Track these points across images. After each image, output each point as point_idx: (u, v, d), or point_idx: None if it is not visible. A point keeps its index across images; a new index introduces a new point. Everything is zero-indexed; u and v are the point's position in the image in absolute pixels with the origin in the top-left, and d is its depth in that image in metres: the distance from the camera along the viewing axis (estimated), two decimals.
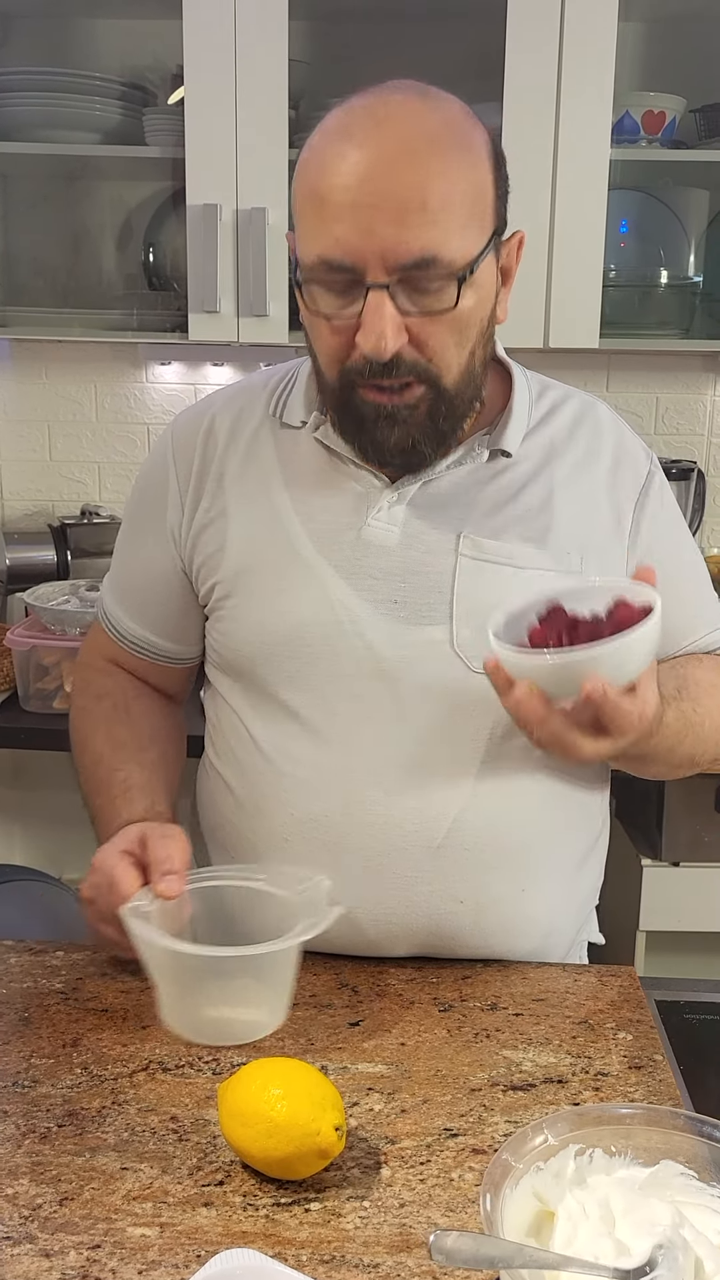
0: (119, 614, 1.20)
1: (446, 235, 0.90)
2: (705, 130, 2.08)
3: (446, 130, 0.92)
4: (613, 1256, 0.66)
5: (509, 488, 1.06)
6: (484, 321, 0.98)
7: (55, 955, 1.09)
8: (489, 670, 0.91)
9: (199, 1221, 0.77)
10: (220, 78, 1.95)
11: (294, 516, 1.06)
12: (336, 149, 0.91)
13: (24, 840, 2.56)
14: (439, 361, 0.95)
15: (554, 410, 1.11)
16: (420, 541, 1.04)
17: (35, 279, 2.33)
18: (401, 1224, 0.77)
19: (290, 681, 1.07)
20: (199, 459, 1.11)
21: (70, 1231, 0.76)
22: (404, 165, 0.89)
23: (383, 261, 0.90)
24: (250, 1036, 0.96)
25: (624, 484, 1.10)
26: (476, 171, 0.93)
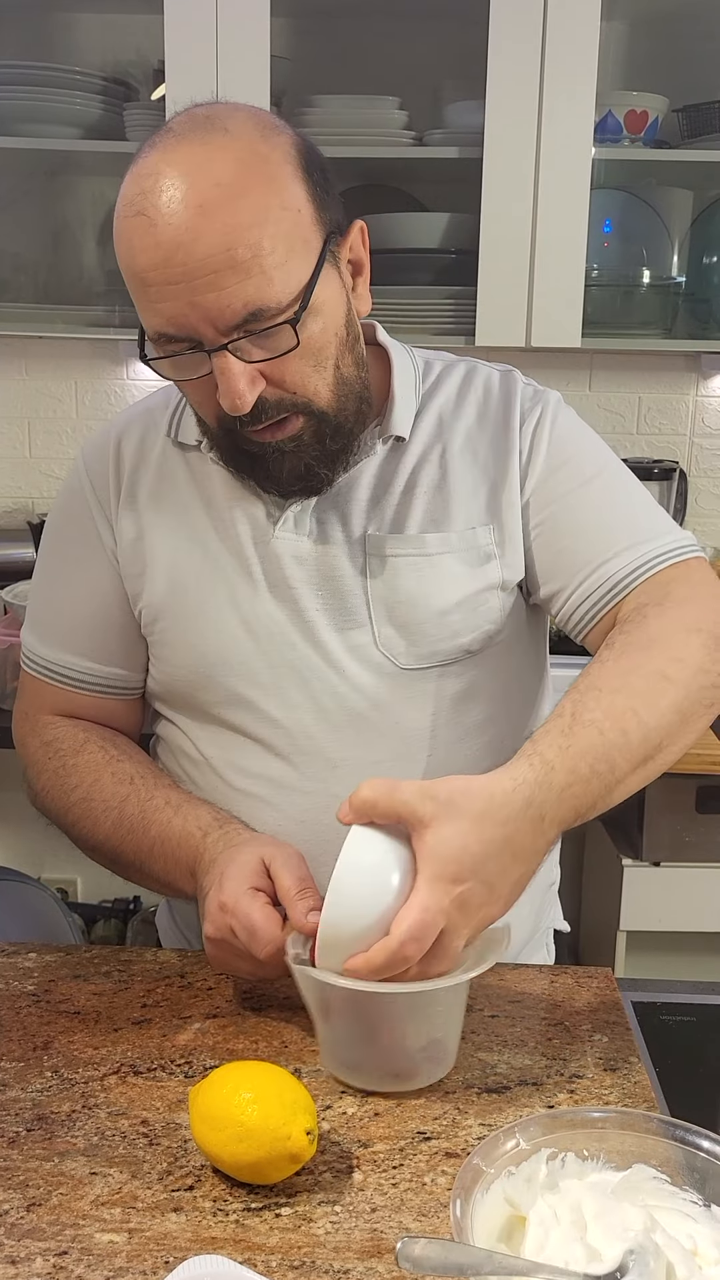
0: (66, 658, 1.13)
1: (267, 282, 0.89)
2: (688, 130, 2.08)
3: (240, 170, 0.88)
4: (584, 1262, 0.65)
5: (405, 474, 1.05)
6: (339, 333, 0.96)
7: (28, 957, 1.08)
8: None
9: (168, 1227, 0.76)
10: (202, 73, 1.94)
11: (211, 534, 1.06)
12: (135, 227, 0.89)
13: (3, 840, 2.54)
14: (304, 392, 0.95)
15: (439, 382, 1.09)
16: (328, 547, 1.04)
17: (15, 274, 2.31)
18: (373, 1229, 0.76)
19: (230, 700, 1.06)
20: (112, 480, 1.10)
21: (37, 1238, 0.75)
22: (204, 229, 0.86)
23: (213, 325, 0.89)
24: (436, 1076, 0.90)
25: (513, 424, 1.06)
26: (284, 198, 0.90)
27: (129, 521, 1.09)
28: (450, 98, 2.08)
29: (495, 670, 1.08)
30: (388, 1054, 0.89)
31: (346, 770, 1.05)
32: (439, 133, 2.05)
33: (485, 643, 1.06)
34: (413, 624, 1.04)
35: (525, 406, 1.08)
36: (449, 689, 1.06)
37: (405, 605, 1.03)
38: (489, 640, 1.06)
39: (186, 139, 0.90)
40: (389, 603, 1.03)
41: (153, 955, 1.09)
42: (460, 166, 2.01)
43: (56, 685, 1.14)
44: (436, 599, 1.04)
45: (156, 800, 1.04)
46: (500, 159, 1.96)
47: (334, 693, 1.04)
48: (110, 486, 1.10)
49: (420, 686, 1.04)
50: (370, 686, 1.04)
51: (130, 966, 1.07)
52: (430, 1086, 0.90)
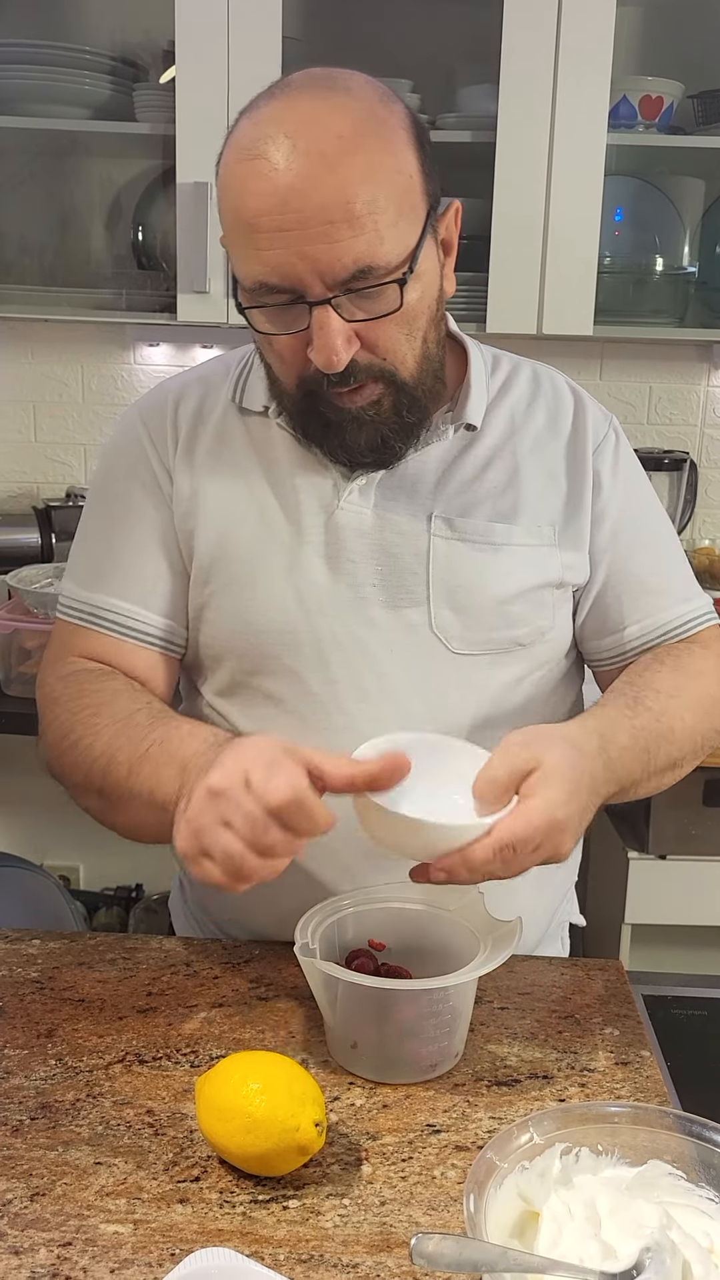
0: (104, 599, 1.08)
1: (379, 239, 0.88)
2: (703, 116, 2.06)
3: (360, 127, 0.88)
4: (599, 1259, 0.64)
5: (476, 464, 1.06)
6: (431, 306, 0.97)
7: (31, 944, 1.07)
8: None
9: (174, 1219, 0.75)
10: (213, 54, 1.92)
11: (269, 501, 1.05)
12: (252, 170, 0.88)
13: (5, 826, 2.53)
14: (394, 358, 0.95)
15: (510, 381, 1.10)
16: (392, 523, 1.04)
17: (22, 257, 2.29)
18: (382, 1223, 0.75)
19: (271, 670, 1.05)
20: (169, 436, 1.09)
21: (41, 1228, 0.73)
22: (321, 177, 0.86)
23: (320, 279, 0.89)
24: (444, 1068, 0.90)
25: (584, 452, 1.09)
26: (399, 161, 0.90)
27: (185, 478, 1.07)
28: (464, 81, 2.06)
29: (541, 665, 1.09)
30: (395, 1045, 0.87)
31: (365, 741, 1.02)
32: (452, 117, 2.03)
33: (536, 637, 1.07)
34: (471, 609, 1.04)
35: (598, 428, 1.10)
36: (495, 678, 1.06)
37: (466, 590, 1.03)
38: (540, 635, 1.07)
39: (307, 92, 0.90)
40: (450, 585, 1.03)
41: (158, 943, 1.08)
42: (473, 151, 1.98)
43: (94, 629, 1.08)
44: (498, 588, 1.04)
45: (170, 716, 0.99)
46: (513, 144, 1.94)
47: (378, 671, 1.03)
48: (168, 441, 1.08)
49: (467, 673, 1.04)
50: (417, 667, 1.04)
51: (135, 954, 1.06)
52: (439, 1078, 0.89)
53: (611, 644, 1.12)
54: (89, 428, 2.41)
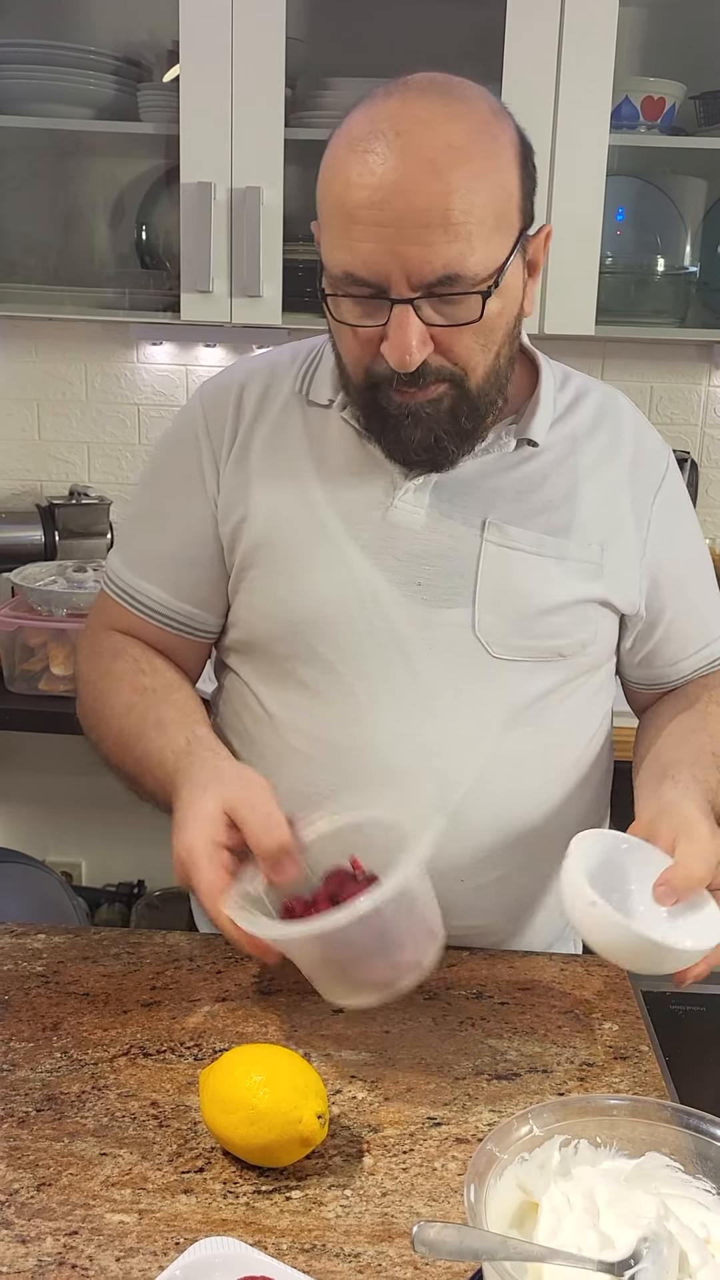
0: (144, 586, 1.14)
1: (470, 249, 0.90)
2: (705, 118, 2.07)
3: (471, 138, 0.90)
4: (597, 1249, 0.65)
5: (533, 477, 1.07)
6: (511, 322, 0.98)
7: (36, 938, 1.08)
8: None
9: (178, 1209, 0.76)
10: (216, 54, 1.93)
11: (320, 494, 1.06)
12: (359, 162, 0.90)
13: (7, 822, 2.54)
14: (465, 365, 0.96)
15: (577, 401, 1.11)
16: (445, 525, 1.05)
17: (26, 255, 2.30)
18: (384, 1213, 0.76)
19: (307, 658, 1.07)
20: (229, 424, 1.10)
21: (47, 1217, 0.75)
22: (426, 181, 0.88)
23: (407, 279, 0.90)
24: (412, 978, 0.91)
25: (643, 479, 1.11)
26: (503, 176, 0.92)
27: (238, 467, 1.09)
28: None
29: (578, 676, 1.10)
30: (343, 973, 0.88)
31: (407, 743, 1.05)
32: None
33: (578, 650, 1.08)
34: (516, 616, 1.05)
35: (658, 459, 1.13)
36: (532, 685, 1.07)
37: (513, 596, 1.05)
38: (582, 648, 1.08)
39: (425, 95, 0.91)
40: (497, 590, 1.04)
41: (162, 938, 1.09)
42: None
43: (127, 609, 1.15)
44: (545, 598, 1.05)
45: (150, 717, 1.06)
46: None
47: (413, 668, 1.05)
48: (226, 431, 1.10)
49: (505, 678, 1.05)
50: (455, 668, 1.05)
51: (139, 949, 1.07)
52: (441, 1073, 0.90)
53: (655, 675, 1.17)
54: (92, 426, 2.42)
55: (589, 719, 1.14)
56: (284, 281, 2.01)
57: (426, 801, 1.04)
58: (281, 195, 1.97)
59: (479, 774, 1.06)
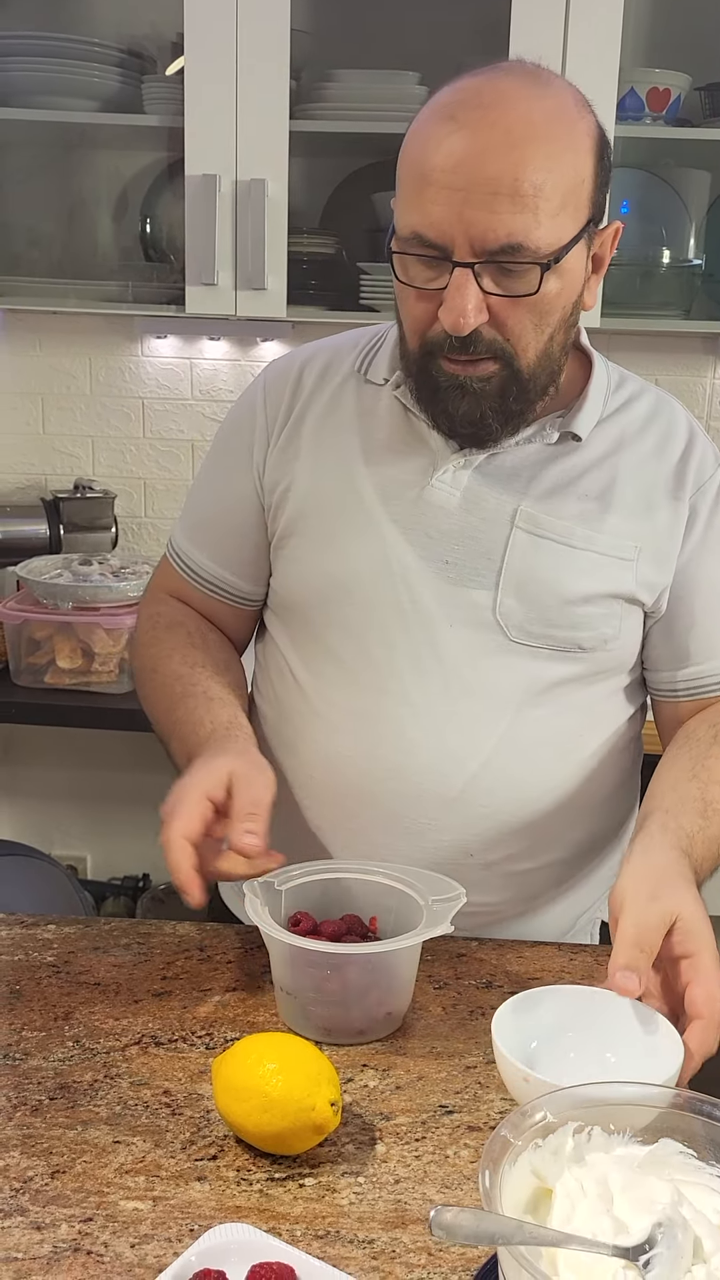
0: (193, 552, 1.21)
1: (536, 222, 0.92)
2: (710, 109, 2.06)
3: (550, 118, 0.93)
4: (611, 1234, 0.65)
5: (573, 470, 1.08)
6: (567, 308, 1.00)
7: (46, 929, 1.08)
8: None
9: (192, 1195, 0.76)
10: (221, 46, 1.93)
11: (362, 467, 1.09)
12: (440, 128, 0.93)
13: (13, 815, 2.55)
14: (517, 342, 0.98)
15: (630, 401, 1.12)
16: (479, 508, 1.07)
17: (30, 249, 2.30)
18: (397, 1200, 0.76)
19: (337, 625, 1.10)
20: (286, 401, 1.14)
21: (62, 1204, 0.75)
22: (501, 151, 0.91)
23: (470, 243, 0.93)
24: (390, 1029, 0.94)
25: (687, 485, 1.10)
26: (576, 161, 0.94)
27: (290, 440, 1.13)
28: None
29: (599, 672, 1.11)
30: (324, 1011, 0.92)
31: (426, 715, 1.08)
32: None
33: (599, 644, 1.09)
34: (537, 603, 1.06)
35: (705, 467, 1.11)
36: (549, 673, 1.08)
37: (538, 584, 1.06)
38: (603, 643, 1.09)
39: (513, 75, 0.95)
40: (522, 576, 1.06)
41: (171, 928, 1.10)
42: None
43: (179, 572, 1.23)
44: (568, 588, 1.06)
45: (199, 688, 1.10)
46: None
47: (435, 644, 1.07)
48: (283, 405, 1.15)
49: (523, 662, 1.07)
50: (474, 647, 1.07)
51: (149, 939, 1.07)
52: (452, 1061, 0.90)
53: (666, 679, 1.14)
54: (97, 420, 2.42)
55: (609, 717, 1.14)
56: (289, 274, 2.01)
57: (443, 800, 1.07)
58: (286, 187, 1.97)
59: (491, 752, 1.08)
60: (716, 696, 1.13)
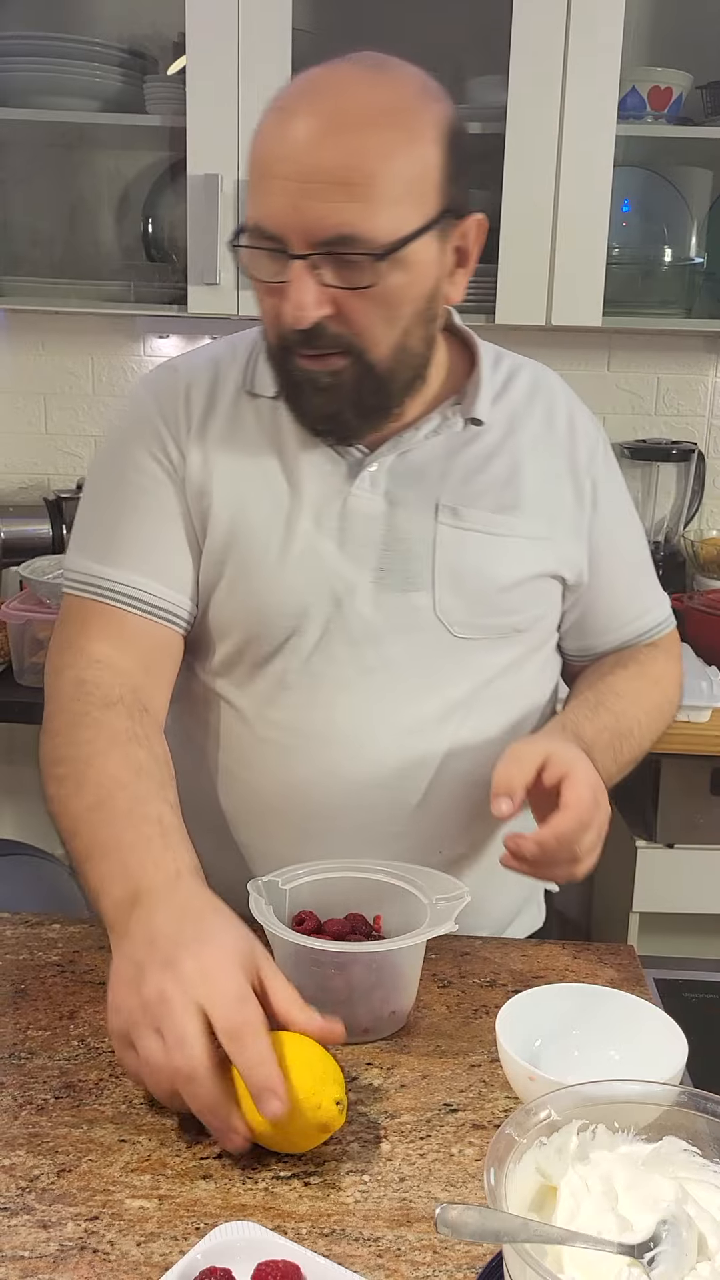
0: (119, 573, 1.05)
1: (370, 213, 0.90)
2: (711, 107, 2.06)
3: (386, 106, 0.91)
4: (616, 1232, 0.65)
5: (480, 456, 1.09)
6: (420, 301, 0.97)
7: (51, 928, 1.08)
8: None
9: (198, 1194, 0.76)
10: (222, 46, 1.93)
11: (283, 485, 1.06)
12: (277, 119, 0.92)
13: (17, 815, 2.55)
14: (365, 336, 0.96)
15: (511, 378, 1.13)
16: (403, 509, 1.07)
17: (32, 249, 2.30)
18: (402, 1198, 0.76)
19: (278, 647, 1.07)
20: (182, 417, 1.08)
21: (68, 1203, 0.75)
22: (333, 141, 0.89)
23: (304, 235, 0.91)
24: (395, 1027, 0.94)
25: (580, 454, 1.13)
26: (417, 150, 0.92)
27: (198, 459, 1.07)
28: (473, 73, 2.06)
29: (534, 650, 1.14)
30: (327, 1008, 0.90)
31: (382, 726, 1.07)
32: (461, 108, 1.97)
33: (533, 624, 1.11)
34: (475, 596, 1.07)
35: (591, 433, 1.15)
36: (492, 661, 1.10)
37: (471, 577, 1.06)
38: (536, 622, 1.11)
39: (355, 64, 0.94)
40: (455, 572, 1.06)
41: None
42: (482, 142, 1.99)
43: (109, 605, 1.05)
44: (501, 576, 1.07)
45: (151, 809, 0.92)
46: (522, 135, 1.95)
47: (381, 652, 1.06)
48: (181, 421, 1.08)
49: (469, 657, 1.08)
50: (420, 649, 1.07)
51: None
52: (456, 1060, 0.91)
53: (586, 646, 1.20)
54: (99, 419, 2.42)
55: (541, 692, 1.17)
56: None
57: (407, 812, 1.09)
58: None
59: (448, 751, 1.09)
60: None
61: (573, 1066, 0.85)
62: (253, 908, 0.92)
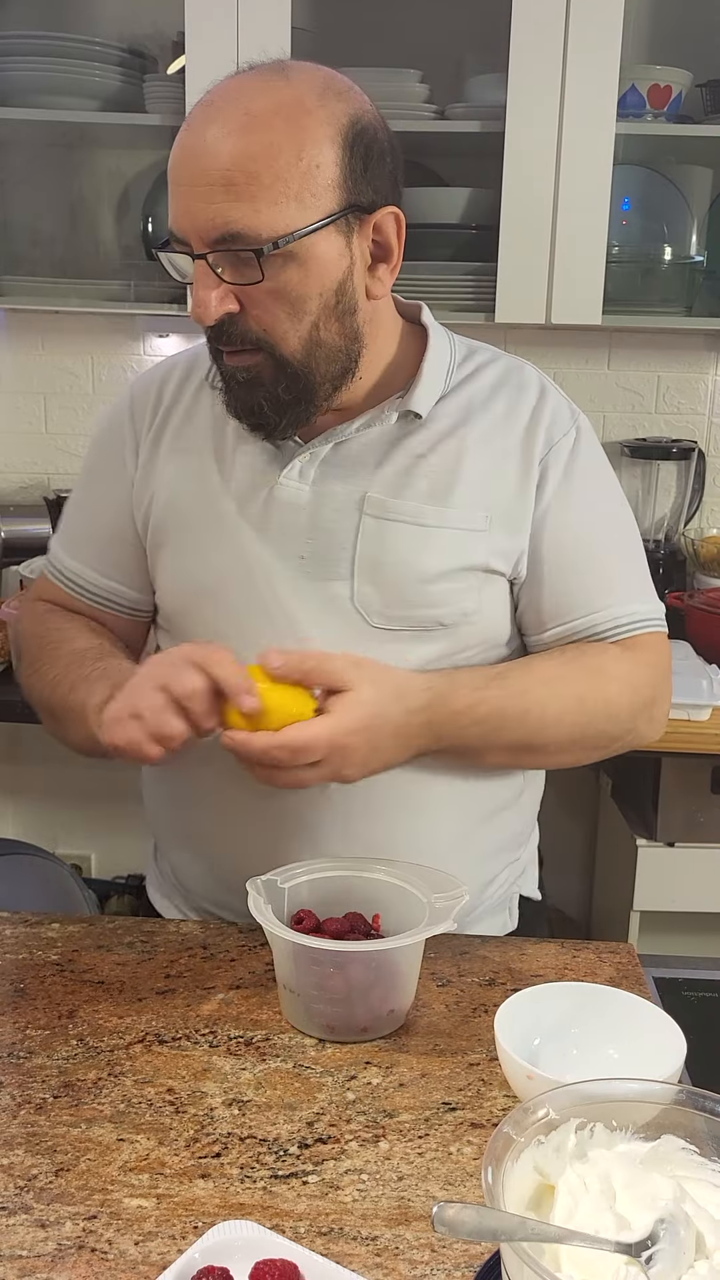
0: (76, 567, 1.20)
1: (253, 212, 0.94)
2: (711, 105, 2.06)
3: (275, 110, 0.94)
4: (614, 1230, 0.65)
5: (418, 448, 1.10)
6: (327, 295, 1.00)
7: (50, 927, 1.09)
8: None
9: (196, 1193, 0.76)
10: (222, 45, 1.92)
11: (215, 474, 1.12)
12: (184, 130, 0.98)
13: (18, 814, 2.55)
14: (273, 332, 1.00)
15: (478, 371, 1.14)
16: (329, 500, 1.09)
17: (32, 249, 2.30)
18: (400, 1197, 0.76)
19: (208, 630, 1.11)
20: (149, 413, 1.17)
21: (66, 1202, 0.75)
22: (220, 144, 0.94)
23: (200, 235, 0.96)
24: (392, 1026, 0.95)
25: (536, 444, 1.11)
26: (307, 150, 0.95)
27: (153, 451, 1.16)
28: (472, 71, 2.06)
29: (466, 648, 1.11)
30: (325, 1007, 0.92)
31: None
32: (460, 106, 2.03)
33: (460, 618, 1.09)
34: (393, 586, 1.08)
35: (558, 426, 1.12)
36: (414, 654, 1.09)
37: (390, 568, 1.07)
38: (464, 617, 1.09)
39: (253, 73, 0.99)
40: (374, 563, 1.08)
41: (175, 926, 1.10)
42: (482, 141, 1.99)
43: (65, 589, 1.22)
44: (421, 567, 1.07)
45: (117, 652, 1.12)
46: (522, 133, 1.95)
47: (298, 638, 1.08)
48: (147, 418, 1.17)
49: (386, 647, 1.08)
50: (338, 639, 1.08)
51: (153, 937, 1.07)
52: (455, 1059, 0.91)
53: (533, 641, 1.14)
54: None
55: None
56: None
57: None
58: None
59: None
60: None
61: (571, 1065, 0.85)
62: (251, 906, 0.92)
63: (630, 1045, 0.85)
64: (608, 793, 2.22)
